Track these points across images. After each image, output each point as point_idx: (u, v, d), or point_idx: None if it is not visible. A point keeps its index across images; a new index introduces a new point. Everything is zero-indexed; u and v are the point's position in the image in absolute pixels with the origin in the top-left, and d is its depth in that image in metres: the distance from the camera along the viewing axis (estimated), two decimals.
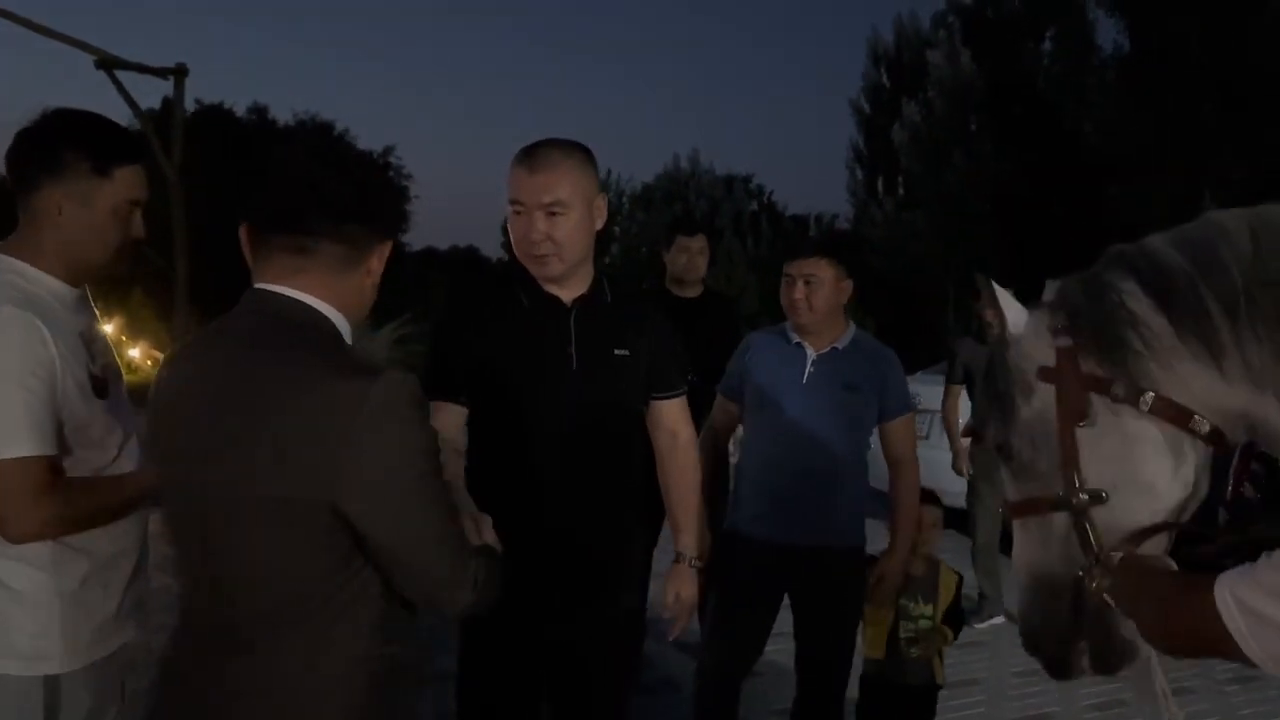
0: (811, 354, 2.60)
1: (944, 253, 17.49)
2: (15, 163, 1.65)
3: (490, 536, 1.45)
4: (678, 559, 2.11)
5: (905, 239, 18.64)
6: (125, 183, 1.66)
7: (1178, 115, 14.75)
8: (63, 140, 1.64)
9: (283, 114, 35.06)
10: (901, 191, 20.11)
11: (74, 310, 1.64)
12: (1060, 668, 1.32)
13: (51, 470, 1.51)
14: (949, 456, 5.06)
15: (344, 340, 1.31)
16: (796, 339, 2.63)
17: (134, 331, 20.24)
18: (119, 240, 1.68)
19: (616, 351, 1.99)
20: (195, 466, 1.25)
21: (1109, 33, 21.88)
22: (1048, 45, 19.35)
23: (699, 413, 2.40)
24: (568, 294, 1.97)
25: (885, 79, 22.23)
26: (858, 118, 22.54)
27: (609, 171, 27.22)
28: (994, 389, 1.33)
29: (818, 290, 2.56)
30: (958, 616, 2.82)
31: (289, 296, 1.28)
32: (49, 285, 1.63)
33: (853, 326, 2.68)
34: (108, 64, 11.99)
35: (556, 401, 1.92)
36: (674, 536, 2.13)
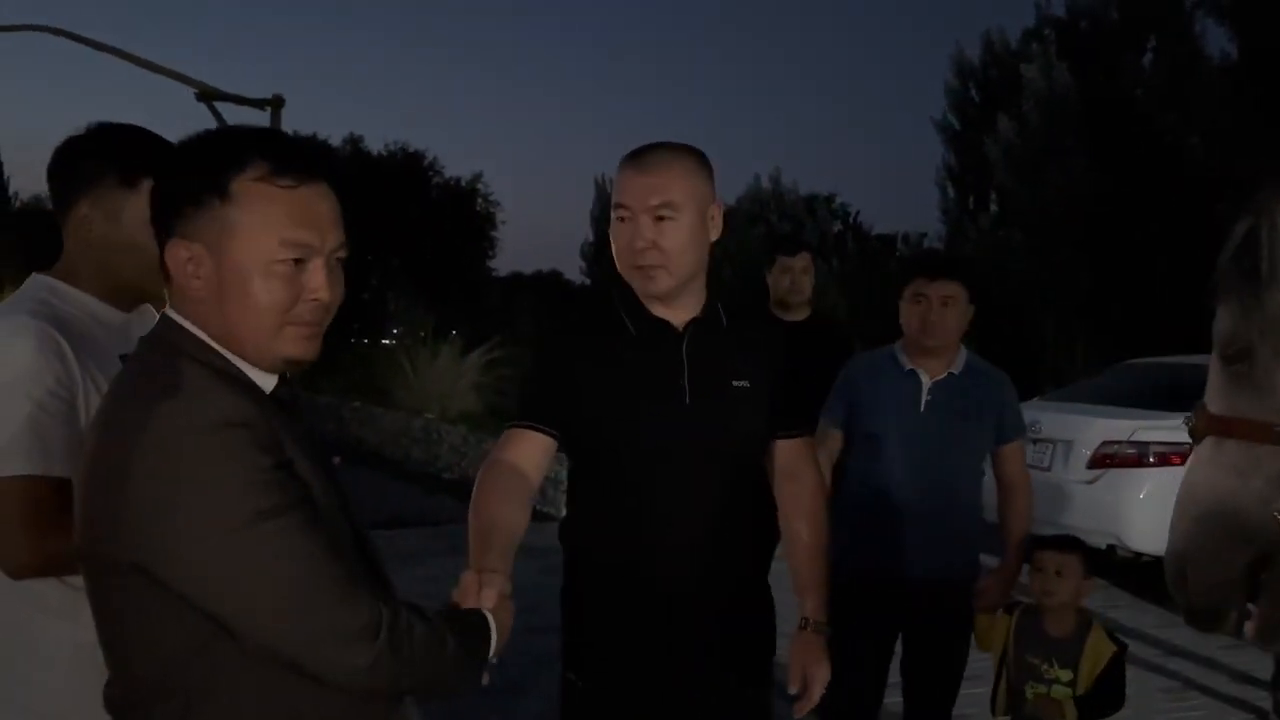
0: (927, 380, 2.49)
1: (1041, 270, 16.91)
2: (51, 180, 1.55)
3: (490, 601, 1.25)
4: (803, 625, 1.85)
5: (1002, 257, 18.10)
6: None
7: None
8: (90, 152, 1.53)
9: (376, 144, 35.86)
10: (995, 208, 19.62)
11: (120, 334, 1.52)
12: (1207, 619, 1.11)
13: (58, 495, 1.32)
14: (1081, 489, 4.79)
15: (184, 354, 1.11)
16: (909, 364, 2.50)
17: None
18: (153, 258, 1.54)
19: (735, 383, 1.78)
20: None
21: (1217, 41, 21.08)
22: (1149, 56, 18.73)
23: None
24: (679, 317, 1.78)
25: (975, 94, 21.82)
26: (945, 134, 22.12)
27: None
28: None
29: (953, 312, 2.44)
30: (1107, 694, 2.44)
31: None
32: (87, 305, 1.52)
33: (964, 350, 2.56)
34: (207, 96, 12.34)
35: (668, 441, 1.72)
36: (799, 600, 1.88)
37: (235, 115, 14.80)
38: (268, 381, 1.18)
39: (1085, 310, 15.14)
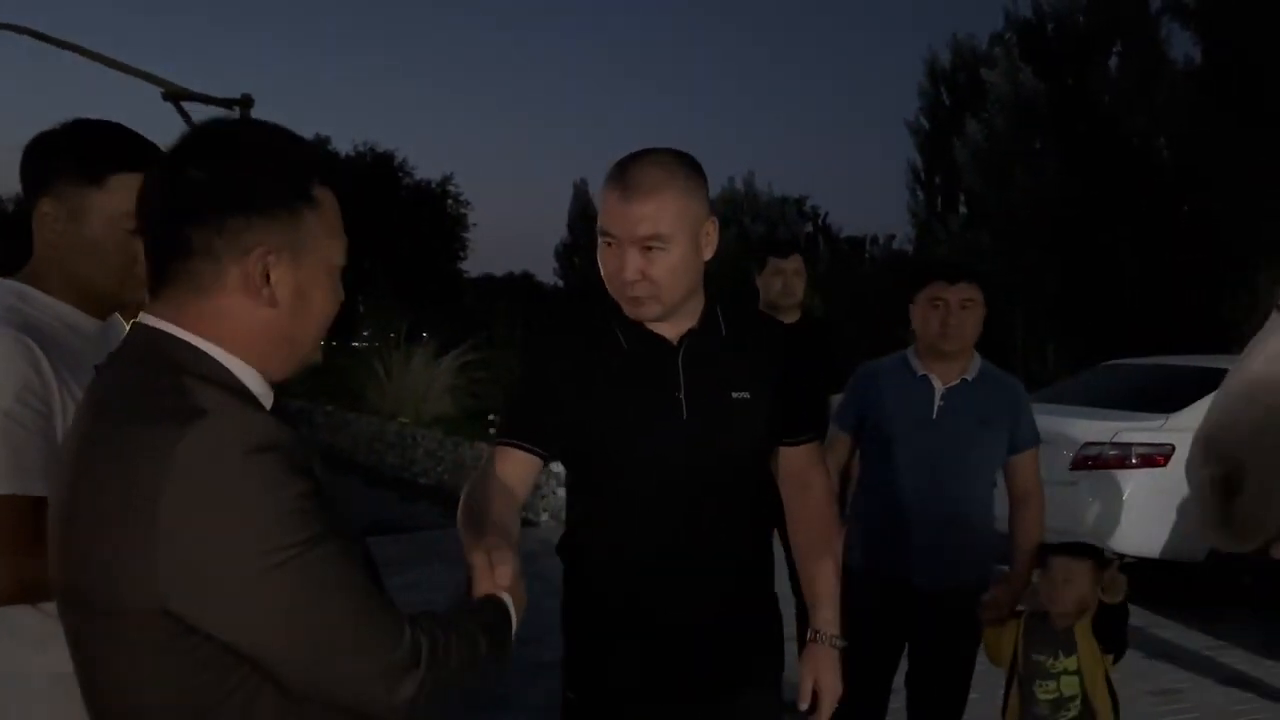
0: (940, 386, 2.46)
1: (1010, 272, 17.05)
2: (21, 179, 1.44)
3: (505, 579, 1.18)
4: (814, 637, 1.78)
5: (971, 259, 18.26)
6: (124, 192, 1.37)
7: (1256, 128, 14.23)
8: (55, 147, 1.42)
9: (344, 145, 35.63)
10: (964, 210, 19.75)
11: (98, 344, 1.40)
12: (1252, 534, 0.93)
13: (35, 516, 1.19)
14: (1062, 491, 4.77)
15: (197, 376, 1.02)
16: (922, 370, 2.47)
17: None
18: (122, 260, 1.42)
19: (735, 395, 1.71)
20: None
21: (1182, 45, 21.38)
22: (1114, 60, 18.93)
23: None
24: (674, 329, 1.70)
25: (945, 97, 21.98)
26: (916, 137, 22.26)
27: None
28: None
29: (971, 315, 2.41)
30: (1111, 632, 2.45)
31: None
32: (61, 313, 1.42)
33: (978, 356, 2.52)
34: (174, 95, 12.12)
35: (666, 457, 1.65)
36: (810, 610, 1.81)
37: (202, 115, 14.60)
38: (267, 395, 1.10)
39: (1054, 311, 15.27)
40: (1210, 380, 5.87)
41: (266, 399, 1.09)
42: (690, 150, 1.67)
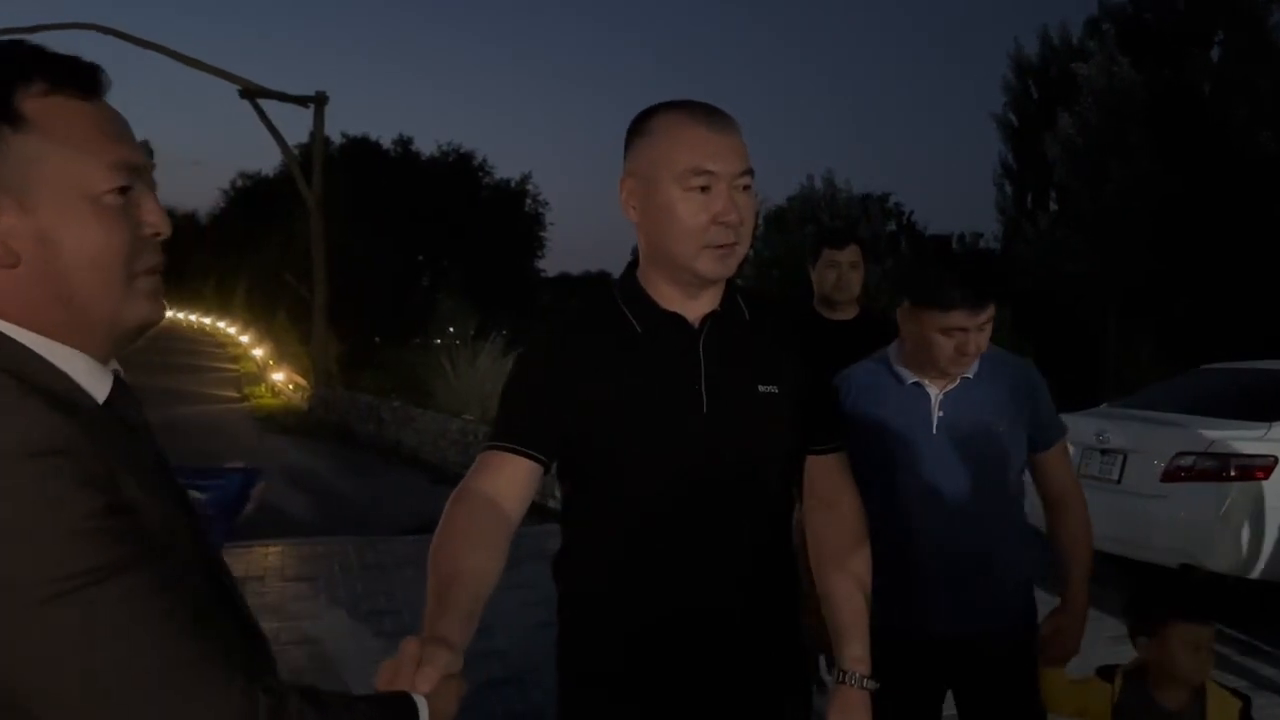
0: (936, 393, 2.03)
1: (1103, 271, 16.35)
2: None
3: (426, 684, 0.97)
4: (842, 679, 1.55)
5: (1062, 257, 17.56)
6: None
7: None
8: None
9: (426, 146, 36.15)
10: (1055, 207, 19.09)
11: None
12: None
13: None
14: (1152, 504, 4.38)
15: None
16: (912, 377, 2.05)
17: (279, 356, 20.84)
18: None
19: (761, 388, 1.49)
20: None
21: None
22: (1216, 50, 18.10)
23: None
24: (694, 310, 1.49)
25: (1033, 90, 21.34)
26: (1004, 131, 21.63)
27: None
28: None
29: (987, 332, 2.01)
30: None
31: None
32: None
33: None
34: (251, 93, 12.34)
35: (683, 457, 1.43)
36: (835, 647, 1.57)
37: (278, 112, 14.86)
38: (101, 383, 0.89)
39: (1149, 312, 14.56)
40: None
41: (96, 384, 0.89)
42: (770, 147, 1.51)
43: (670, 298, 1.50)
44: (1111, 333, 15.88)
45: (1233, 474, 4.92)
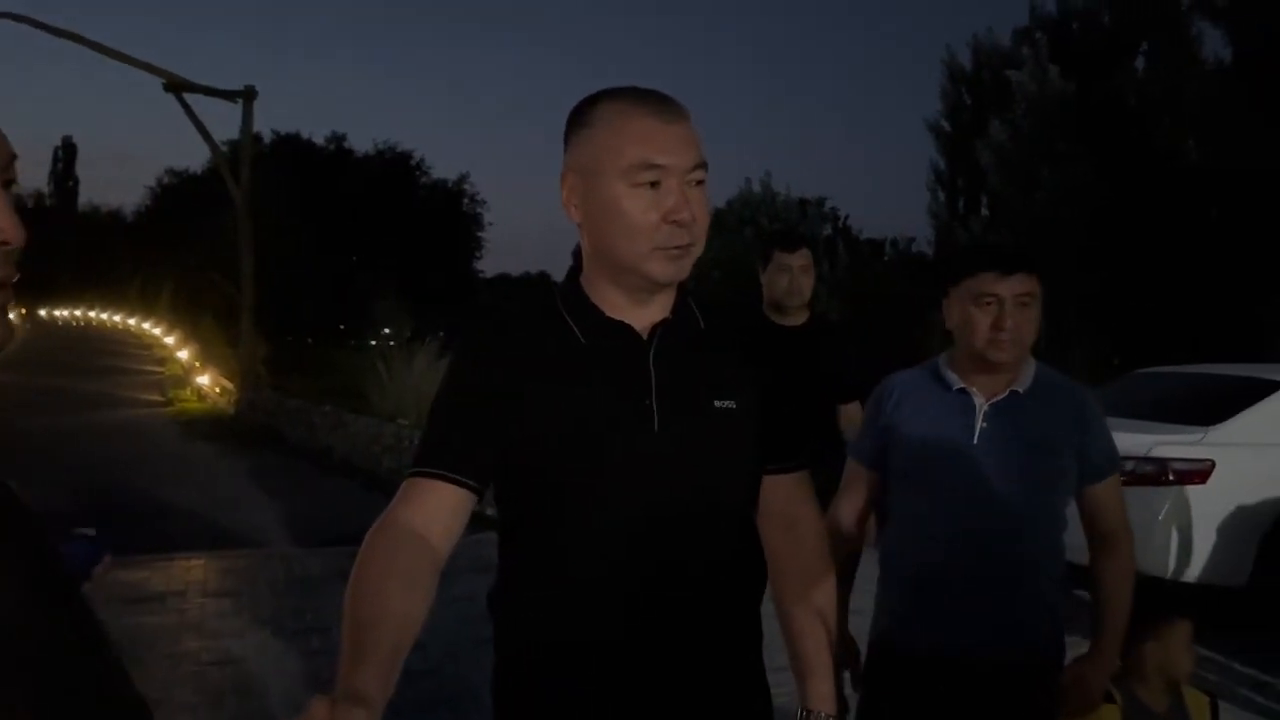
0: (982, 403, 1.93)
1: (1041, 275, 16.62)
2: None
3: None
4: (806, 718, 1.43)
5: None
6: None
7: None
8: None
9: (361, 144, 35.63)
10: (986, 213, 19.39)
11: None
12: None
13: None
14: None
15: None
16: (959, 382, 1.96)
17: (205, 359, 20.23)
18: None
19: (718, 403, 1.35)
20: None
21: (1212, 44, 20.94)
22: (1141, 60, 18.56)
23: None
24: (643, 319, 1.36)
25: (966, 98, 21.68)
26: (938, 138, 21.93)
27: None
28: None
29: (1029, 315, 1.90)
30: None
31: None
32: None
33: (1033, 362, 1.99)
34: (176, 86, 11.92)
35: (632, 479, 1.30)
36: (799, 683, 1.46)
37: (205, 106, 14.45)
38: None
39: (1083, 317, 14.83)
40: (1255, 391, 5.51)
41: None
42: (710, 149, 1.39)
43: (617, 305, 1.36)
44: (1043, 338, 16.16)
45: (1171, 479, 4.95)
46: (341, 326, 24.43)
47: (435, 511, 1.29)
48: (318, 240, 26.68)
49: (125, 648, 4.56)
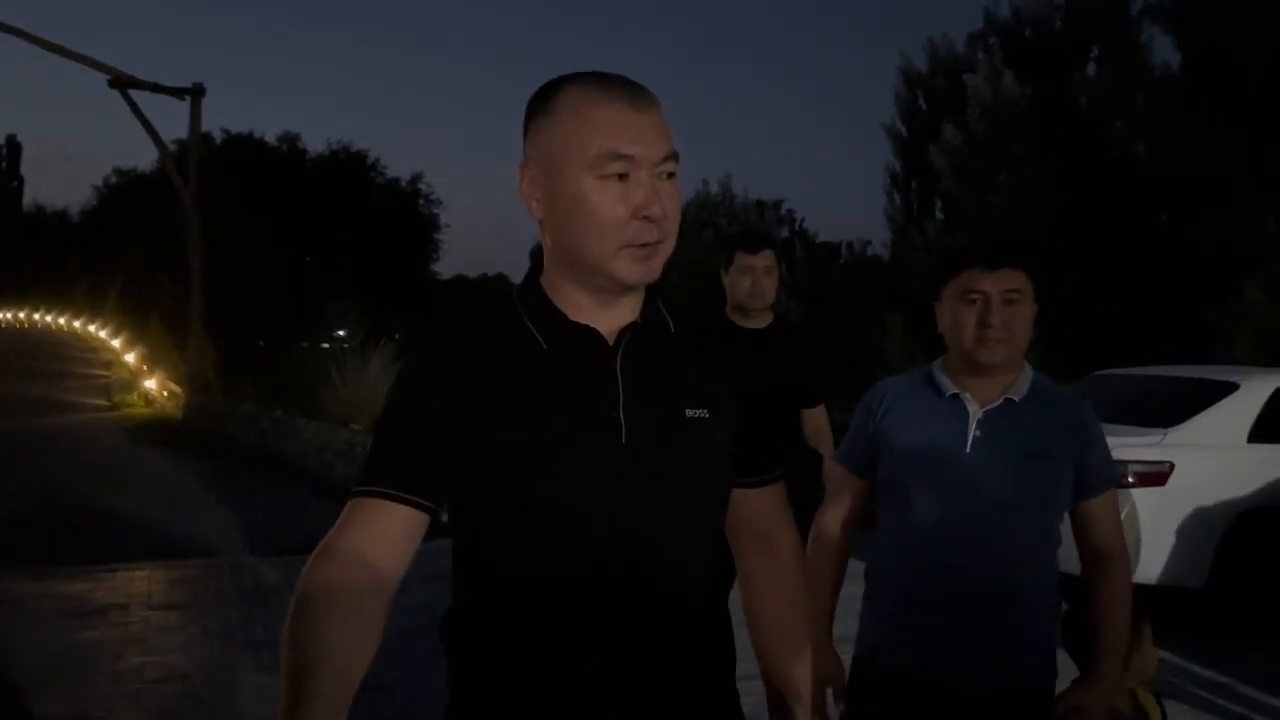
0: (976, 410, 1.86)
1: None
2: None
3: None
4: None
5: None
6: None
7: (1235, 131, 14.05)
8: None
9: (315, 144, 35.25)
10: (941, 216, 19.55)
11: None
12: None
13: None
14: None
15: None
16: (952, 388, 1.88)
17: (153, 362, 19.79)
18: None
19: (690, 412, 1.26)
20: None
21: (1161, 50, 21.33)
22: (1092, 65, 18.85)
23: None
24: (610, 322, 1.26)
25: (921, 101, 21.88)
26: (894, 142, 22.10)
27: None
28: None
29: (1019, 312, 1.83)
30: None
31: None
32: None
33: (1029, 369, 1.92)
34: (121, 83, 11.61)
35: (598, 495, 1.21)
36: (773, 712, 1.40)
37: (151, 103, 14.09)
38: None
39: (1040, 319, 14.97)
40: (1212, 393, 5.55)
41: None
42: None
43: (581, 307, 1.26)
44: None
45: (1131, 481, 4.96)
46: (294, 328, 24.05)
47: (383, 535, 1.18)
48: (270, 240, 26.25)
49: (65, 664, 4.41)
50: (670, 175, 1.22)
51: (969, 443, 1.84)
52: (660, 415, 1.25)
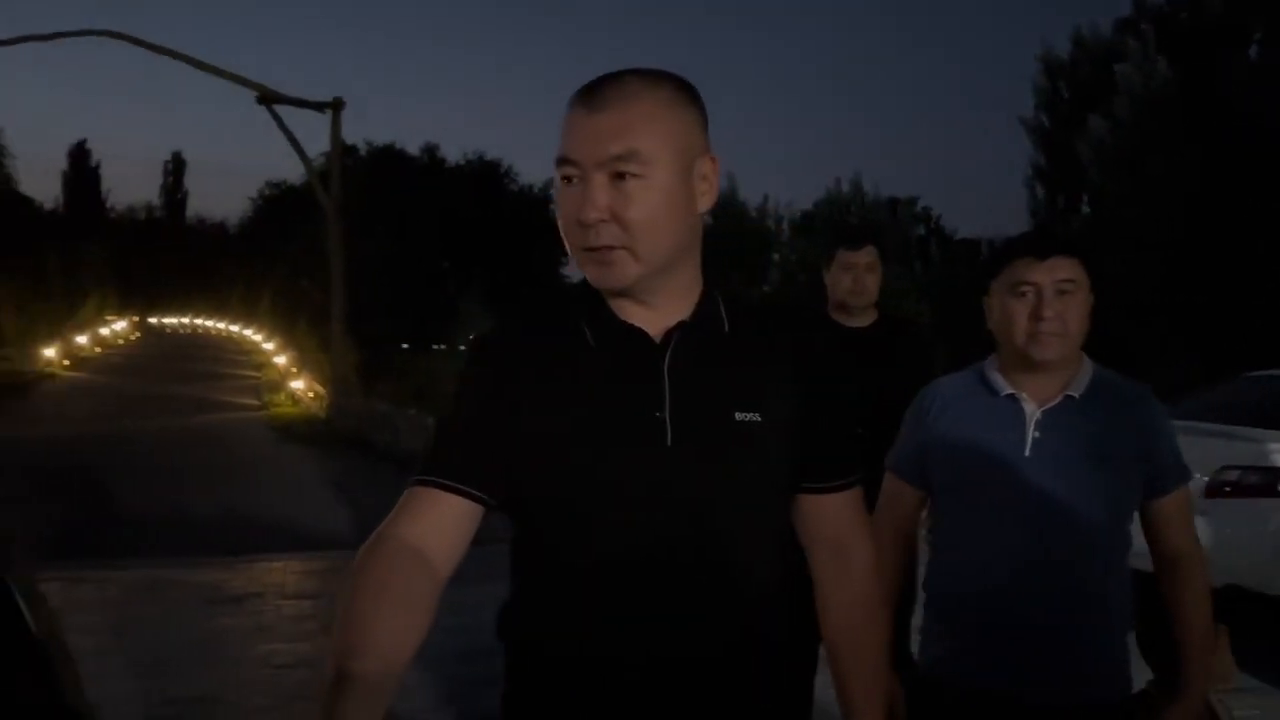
0: (1033, 409, 1.75)
1: (1141, 274, 15.98)
2: None
3: None
4: None
5: (1098, 261, 17.16)
6: None
7: None
8: None
9: (452, 153, 36.59)
10: (1087, 209, 18.78)
11: None
12: None
13: None
14: (1202, 524, 4.10)
15: None
16: (1006, 388, 1.77)
17: (300, 364, 20.78)
18: None
19: (739, 416, 1.23)
20: None
21: None
22: (1254, 49, 17.77)
23: (871, 490, 1.63)
24: (657, 322, 1.24)
25: (1064, 91, 21.09)
26: (1034, 134, 21.33)
27: (765, 197, 26.57)
28: None
29: (1073, 303, 1.71)
30: None
31: None
32: None
33: (1089, 363, 1.80)
34: (268, 99, 12.25)
35: (641, 498, 1.19)
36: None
37: (295, 118, 14.84)
38: None
39: (1188, 318, 14.15)
40: None
41: None
42: (797, 153, 1.24)
43: (626, 307, 1.25)
44: (1151, 340, 15.48)
45: None
46: (431, 332, 24.90)
47: (435, 524, 1.18)
48: (409, 248, 27.25)
49: (200, 647, 4.66)
50: (624, 175, 1.16)
51: (1028, 445, 1.73)
52: (707, 418, 1.22)
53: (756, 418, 1.23)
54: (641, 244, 1.17)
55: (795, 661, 1.35)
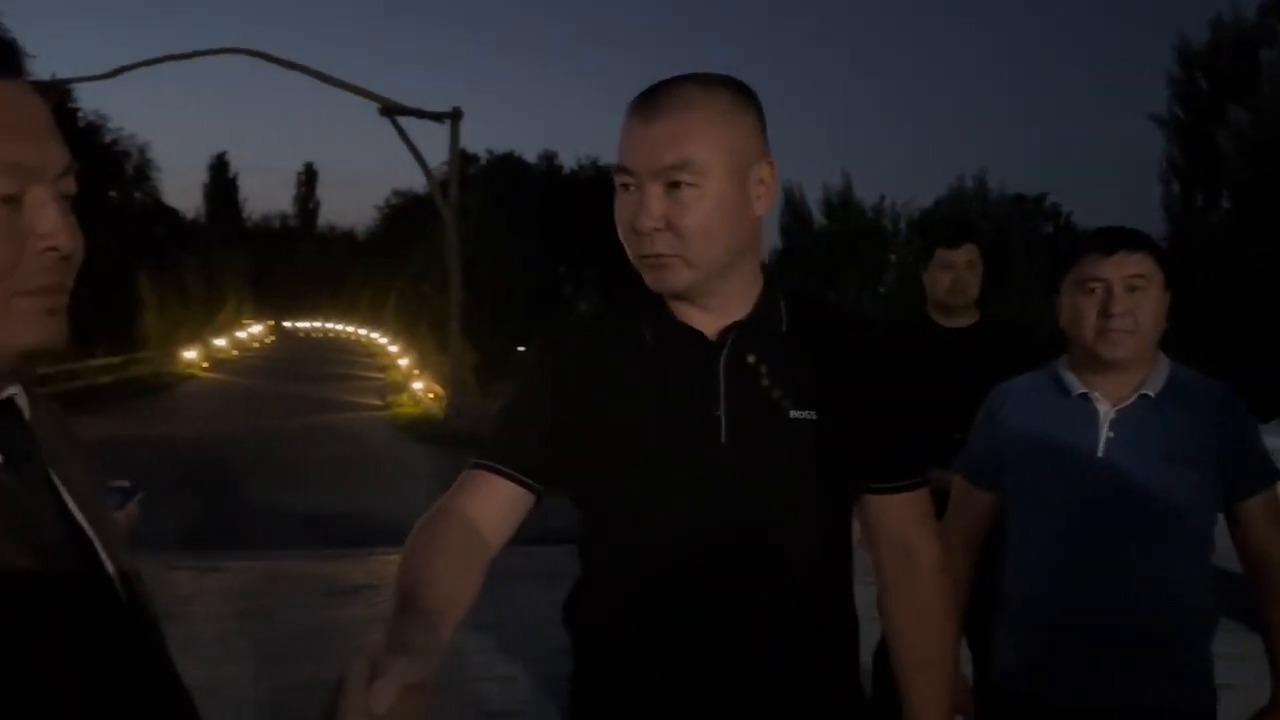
0: (1107, 410, 1.69)
1: None
2: None
3: (381, 703, 0.81)
4: None
5: (1239, 259, 16.28)
6: None
7: None
8: None
9: (569, 159, 37.57)
10: (1227, 204, 17.82)
11: None
12: None
13: None
14: None
15: None
16: (1079, 387, 1.72)
17: (422, 365, 21.44)
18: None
19: (795, 414, 1.23)
20: None
21: None
22: None
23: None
24: (713, 321, 1.26)
25: (1202, 83, 20.08)
26: (1166, 128, 20.40)
27: (882, 197, 26.16)
28: None
29: (1145, 300, 1.65)
30: None
31: None
32: None
33: (1166, 360, 1.73)
34: (389, 110, 12.71)
35: (697, 496, 1.23)
36: None
37: (417, 129, 15.33)
38: None
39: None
40: None
41: None
42: (921, 151, 1.23)
43: (683, 308, 1.27)
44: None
45: None
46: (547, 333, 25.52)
47: (488, 503, 1.25)
48: (527, 252, 27.87)
49: (315, 636, 4.85)
50: (679, 185, 1.18)
51: (1102, 446, 1.68)
52: (763, 416, 1.24)
53: (812, 415, 1.24)
54: (695, 251, 1.19)
55: (846, 652, 1.35)
